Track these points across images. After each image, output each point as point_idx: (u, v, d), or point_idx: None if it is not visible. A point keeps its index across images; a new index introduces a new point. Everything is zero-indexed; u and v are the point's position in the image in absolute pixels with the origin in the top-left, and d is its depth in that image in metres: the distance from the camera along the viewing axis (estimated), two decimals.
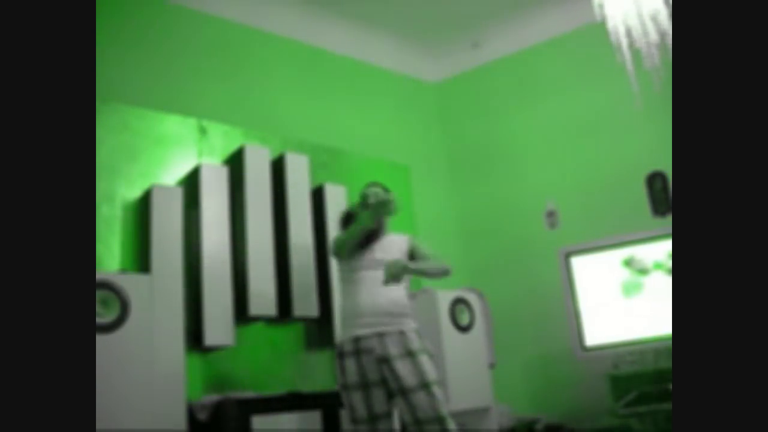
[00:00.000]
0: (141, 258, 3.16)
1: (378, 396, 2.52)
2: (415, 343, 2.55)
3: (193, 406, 3.00)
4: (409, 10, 4.73)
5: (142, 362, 2.65)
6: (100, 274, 2.66)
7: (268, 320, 3.49)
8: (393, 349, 2.52)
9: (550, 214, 4.76)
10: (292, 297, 3.45)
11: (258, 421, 2.94)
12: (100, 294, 2.59)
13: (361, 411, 2.52)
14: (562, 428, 4.17)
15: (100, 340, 2.50)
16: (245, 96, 4.21)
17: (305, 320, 3.62)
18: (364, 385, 2.53)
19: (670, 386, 3.44)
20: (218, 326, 3.18)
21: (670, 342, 3.62)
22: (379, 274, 2.59)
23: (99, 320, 2.56)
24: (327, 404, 3.22)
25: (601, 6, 3.38)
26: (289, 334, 3.62)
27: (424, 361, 2.53)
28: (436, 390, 2.48)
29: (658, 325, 3.80)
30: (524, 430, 4.17)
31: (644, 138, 4.40)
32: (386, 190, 2.84)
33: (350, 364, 2.56)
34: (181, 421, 2.89)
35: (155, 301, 2.84)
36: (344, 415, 3.26)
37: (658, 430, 3.58)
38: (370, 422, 2.51)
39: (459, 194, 5.20)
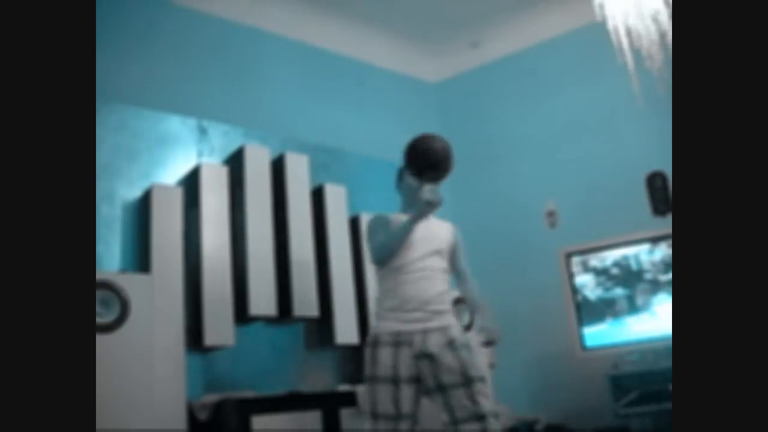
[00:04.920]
0: (141, 258, 3.16)
1: (407, 394, 2.36)
2: (458, 337, 2.43)
3: (193, 406, 3.00)
4: (409, 10, 4.73)
5: (142, 362, 2.65)
6: (100, 274, 2.66)
7: (268, 320, 3.48)
8: (434, 346, 2.39)
9: (550, 214, 4.76)
10: (292, 297, 3.45)
11: (258, 421, 2.94)
12: (100, 294, 2.59)
13: (386, 406, 2.35)
14: (562, 428, 4.17)
15: (100, 340, 2.50)
16: (245, 96, 4.21)
17: (305, 320, 3.62)
18: (395, 380, 2.37)
19: (670, 386, 3.43)
20: (218, 326, 3.18)
21: (670, 342, 3.61)
22: (427, 265, 2.49)
23: (99, 320, 2.56)
24: (327, 404, 3.22)
25: (601, 6, 3.38)
26: (289, 334, 3.62)
27: (465, 356, 2.39)
28: (479, 386, 2.35)
29: (658, 325, 3.80)
30: (524, 430, 4.17)
31: (644, 138, 4.40)
32: (443, 155, 2.54)
33: (385, 354, 2.39)
34: (181, 421, 2.88)
35: (155, 301, 2.84)
36: (351, 412, 3.25)
37: (658, 430, 3.58)
38: (393, 420, 2.34)
39: (459, 194, 5.19)
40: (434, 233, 2.61)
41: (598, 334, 3.99)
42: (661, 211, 4.28)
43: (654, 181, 4.32)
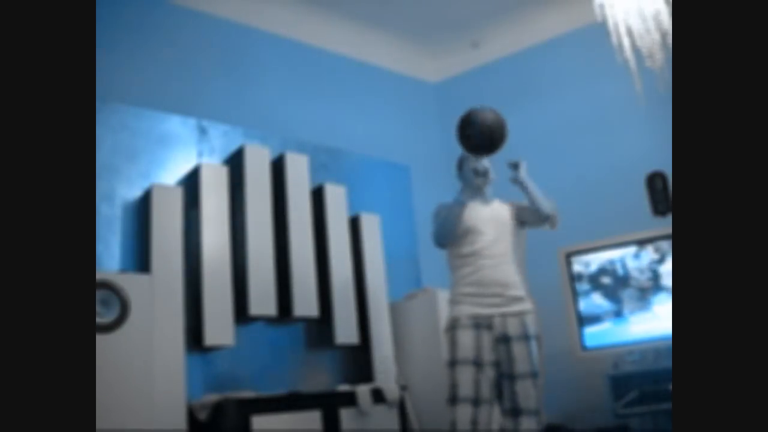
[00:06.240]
0: (141, 258, 3.16)
1: (487, 378, 2.37)
2: (532, 328, 2.48)
3: (193, 406, 3.00)
4: (409, 10, 4.73)
5: (142, 362, 2.65)
6: (100, 274, 2.66)
7: (268, 320, 3.48)
8: (513, 330, 2.43)
9: None
10: (292, 297, 3.45)
11: (258, 421, 2.94)
12: (100, 294, 2.59)
13: (467, 389, 2.34)
14: (562, 428, 4.17)
15: (100, 340, 2.50)
16: (245, 96, 4.21)
17: (305, 320, 3.62)
18: (477, 363, 2.37)
19: (670, 386, 3.43)
20: (218, 326, 3.18)
21: (670, 342, 3.61)
22: (502, 250, 2.56)
23: (99, 320, 2.56)
24: (327, 404, 3.22)
25: (601, 6, 3.38)
26: (289, 334, 3.62)
27: (535, 348, 2.44)
28: (539, 381, 2.42)
29: (658, 325, 3.80)
30: None
31: (644, 138, 4.40)
32: (496, 129, 2.59)
33: (466, 336, 2.41)
34: (181, 421, 2.89)
35: (155, 301, 2.84)
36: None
37: (658, 430, 3.58)
38: (473, 405, 2.32)
39: None
40: (498, 215, 2.69)
41: (598, 334, 3.99)
42: (661, 211, 4.28)
43: (654, 181, 4.32)
